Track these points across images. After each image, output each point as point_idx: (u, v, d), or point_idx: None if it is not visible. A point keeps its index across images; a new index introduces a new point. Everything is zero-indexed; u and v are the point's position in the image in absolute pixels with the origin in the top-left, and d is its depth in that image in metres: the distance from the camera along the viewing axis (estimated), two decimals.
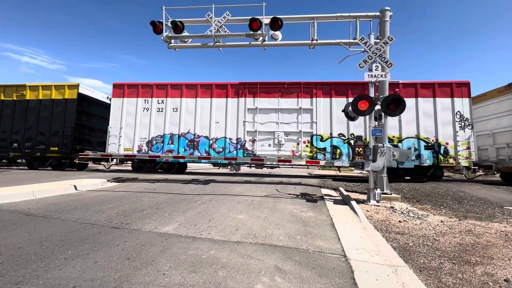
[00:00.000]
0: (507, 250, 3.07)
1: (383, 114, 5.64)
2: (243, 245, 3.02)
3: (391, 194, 6.29)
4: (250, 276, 2.24)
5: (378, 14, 6.93)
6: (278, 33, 7.28)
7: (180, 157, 11.14)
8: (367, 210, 5.06)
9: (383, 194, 6.00)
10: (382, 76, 5.82)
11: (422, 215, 4.77)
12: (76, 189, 6.80)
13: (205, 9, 7.50)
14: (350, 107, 5.95)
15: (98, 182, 7.75)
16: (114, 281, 2.09)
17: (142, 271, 2.27)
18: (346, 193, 6.56)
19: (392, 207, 5.38)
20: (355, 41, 6.80)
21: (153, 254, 2.66)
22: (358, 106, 5.47)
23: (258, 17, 7.13)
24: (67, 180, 7.98)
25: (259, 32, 7.22)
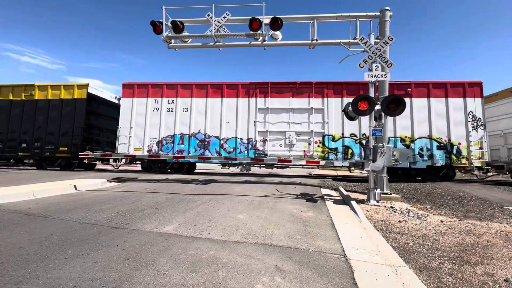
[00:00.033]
0: (507, 250, 3.07)
1: (383, 114, 5.65)
2: (243, 245, 3.02)
3: (391, 194, 6.29)
4: (250, 276, 2.24)
5: (378, 14, 6.93)
6: (278, 33, 7.28)
7: (180, 157, 11.15)
8: (367, 210, 5.07)
9: (383, 194, 6.01)
10: (382, 76, 5.83)
11: (422, 215, 4.77)
12: (76, 189, 6.80)
13: (205, 9, 7.51)
14: (350, 107, 5.96)
15: (98, 182, 7.75)
16: (114, 281, 2.10)
17: (142, 271, 2.27)
18: (346, 193, 6.56)
19: (392, 207, 5.38)
20: (355, 41, 6.81)
21: (153, 254, 2.66)
22: (358, 106, 5.48)
23: (258, 17, 7.13)
24: (67, 180, 7.98)
25: (259, 32, 7.22)
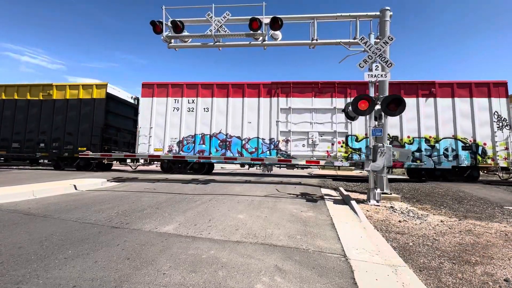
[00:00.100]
0: (507, 250, 3.07)
1: (383, 114, 5.65)
2: (243, 244, 3.02)
3: (391, 194, 6.30)
4: (250, 275, 2.25)
5: (378, 14, 6.93)
6: (278, 32, 7.28)
7: (180, 157, 11.14)
8: (367, 210, 5.07)
9: (383, 194, 6.01)
10: (382, 76, 5.83)
11: (422, 215, 4.77)
12: (76, 188, 6.80)
13: (205, 8, 7.50)
14: (350, 107, 5.96)
15: (98, 182, 7.76)
16: (114, 280, 2.10)
17: (142, 271, 2.28)
18: (346, 193, 6.57)
19: (392, 207, 5.38)
20: (355, 41, 6.81)
21: (153, 254, 2.66)
22: (358, 106, 5.48)
23: (258, 16, 7.13)
24: (67, 180, 7.98)
25: (259, 31, 7.22)
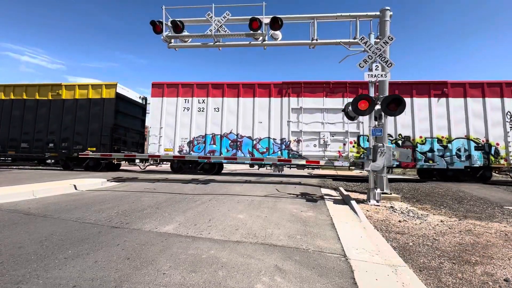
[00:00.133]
0: (507, 250, 3.07)
1: (383, 114, 5.65)
2: (243, 244, 3.02)
3: (391, 194, 6.30)
4: (250, 275, 2.24)
5: (378, 13, 6.93)
6: (278, 32, 7.28)
7: (180, 157, 11.15)
8: (367, 210, 5.07)
9: (383, 194, 6.01)
10: (382, 75, 5.83)
11: (422, 215, 4.77)
12: (76, 188, 6.80)
13: (205, 8, 7.51)
14: (350, 107, 5.96)
15: (98, 182, 7.76)
16: (114, 280, 2.09)
17: (142, 271, 2.28)
18: (346, 193, 6.57)
19: (392, 207, 5.38)
20: (355, 40, 6.81)
21: (153, 254, 2.66)
22: (358, 106, 5.48)
23: (258, 16, 7.13)
24: (67, 180, 7.98)
25: (259, 31, 7.22)
